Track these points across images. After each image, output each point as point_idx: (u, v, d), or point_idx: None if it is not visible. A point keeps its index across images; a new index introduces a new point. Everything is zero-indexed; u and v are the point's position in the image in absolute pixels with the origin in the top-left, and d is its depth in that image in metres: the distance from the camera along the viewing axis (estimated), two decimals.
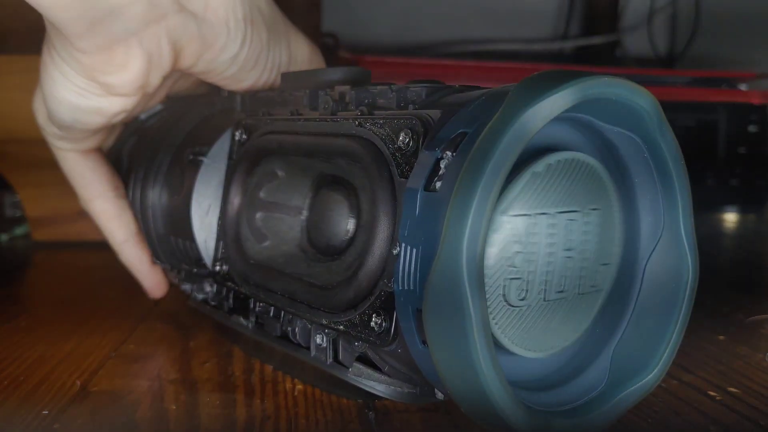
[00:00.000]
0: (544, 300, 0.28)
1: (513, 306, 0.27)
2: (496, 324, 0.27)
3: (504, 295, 0.27)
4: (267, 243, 0.38)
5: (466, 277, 0.24)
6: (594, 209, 0.29)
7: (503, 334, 0.27)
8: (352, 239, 0.33)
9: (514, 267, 0.27)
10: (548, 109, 0.24)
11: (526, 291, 0.27)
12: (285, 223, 0.37)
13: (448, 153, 0.26)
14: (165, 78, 0.40)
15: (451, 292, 0.24)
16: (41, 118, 0.44)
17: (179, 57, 0.39)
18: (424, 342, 0.26)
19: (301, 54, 0.44)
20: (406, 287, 0.27)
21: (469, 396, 0.25)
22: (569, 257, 0.28)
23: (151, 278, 0.48)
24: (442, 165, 0.26)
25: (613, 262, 0.30)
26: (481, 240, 0.24)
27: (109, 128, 0.45)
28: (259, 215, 0.38)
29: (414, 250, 0.26)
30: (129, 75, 0.38)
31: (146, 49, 0.37)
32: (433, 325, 0.25)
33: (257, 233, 0.38)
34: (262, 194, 0.38)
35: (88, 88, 0.38)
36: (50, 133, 0.45)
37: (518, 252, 0.27)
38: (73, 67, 0.38)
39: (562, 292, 0.28)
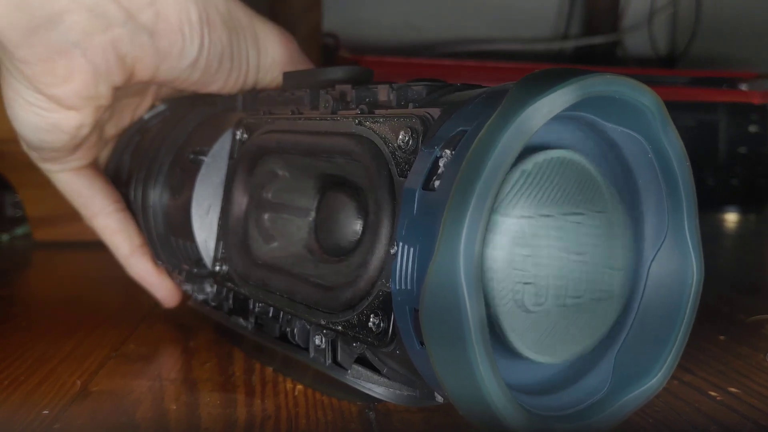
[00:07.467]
0: (563, 306, 0.27)
1: (530, 311, 0.27)
2: (511, 329, 0.26)
3: (519, 300, 0.26)
4: (275, 244, 0.38)
5: (464, 278, 0.23)
6: (600, 212, 0.28)
7: (519, 340, 0.27)
8: (359, 240, 0.33)
9: (524, 271, 0.26)
10: (548, 107, 0.24)
11: (544, 296, 0.27)
12: (293, 224, 0.37)
13: (447, 151, 0.26)
14: (117, 89, 0.38)
15: (448, 293, 0.24)
16: (23, 144, 0.43)
17: (135, 70, 0.38)
18: (422, 343, 0.26)
19: (272, 45, 0.43)
20: (403, 287, 0.26)
21: (466, 399, 0.25)
22: (583, 261, 0.28)
23: (163, 289, 0.47)
24: (441, 164, 0.26)
25: (625, 267, 0.29)
26: (479, 240, 0.23)
27: (94, 143, 0.44)
28: (265, 216, 0.38)
29: (411, 250, 0.26)
30: (73, 87, 0.37)
31: (90, 60, 0.36)
32: (430, 326, 0.25)
33: (265, 234, 0.38)
34: (266, 194, 0.38)
35: (37, 102, 0.37)
36: (35, 157, 0.43)
37: (526, 256, 0.26)
38: (19, 80, 0.37)
39: (578, 297, 0.28)
